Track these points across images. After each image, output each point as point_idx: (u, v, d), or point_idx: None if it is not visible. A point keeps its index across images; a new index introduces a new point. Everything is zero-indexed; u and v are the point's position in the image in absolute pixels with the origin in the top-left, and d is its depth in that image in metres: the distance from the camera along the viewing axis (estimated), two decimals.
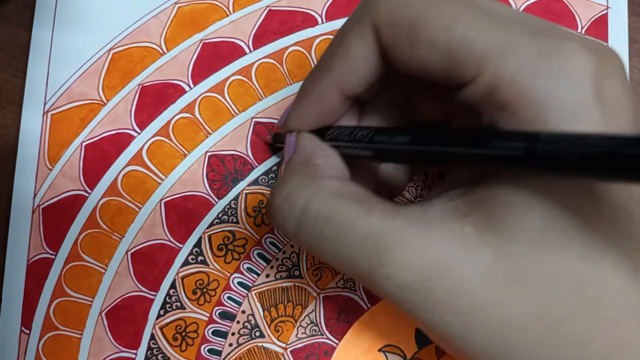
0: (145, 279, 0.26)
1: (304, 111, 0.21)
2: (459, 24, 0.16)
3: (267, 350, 0.25)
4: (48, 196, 0.26)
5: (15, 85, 0.27)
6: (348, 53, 0.18)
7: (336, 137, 0.20)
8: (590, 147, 0.12)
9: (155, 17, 0.28)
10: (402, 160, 0.19)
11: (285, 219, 0.18)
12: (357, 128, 0.20)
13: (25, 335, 0.25)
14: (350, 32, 0.18)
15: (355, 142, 0.19)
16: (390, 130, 0.18)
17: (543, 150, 0.13)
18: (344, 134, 0.20)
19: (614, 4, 0.27)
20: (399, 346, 0.25)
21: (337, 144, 0.20)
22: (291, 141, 0.21)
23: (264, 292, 0.26)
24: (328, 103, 0.20)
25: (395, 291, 0.16)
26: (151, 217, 0.26)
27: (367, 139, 0.19)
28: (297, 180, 0.19)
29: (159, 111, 0.27)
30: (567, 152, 0.12)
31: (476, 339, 0.16)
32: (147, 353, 0.25)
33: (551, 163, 0.13)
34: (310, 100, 0.20)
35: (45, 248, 0.26)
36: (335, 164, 0.20)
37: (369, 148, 0.19)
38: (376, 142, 0.18)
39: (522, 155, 0.14)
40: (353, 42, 0.18)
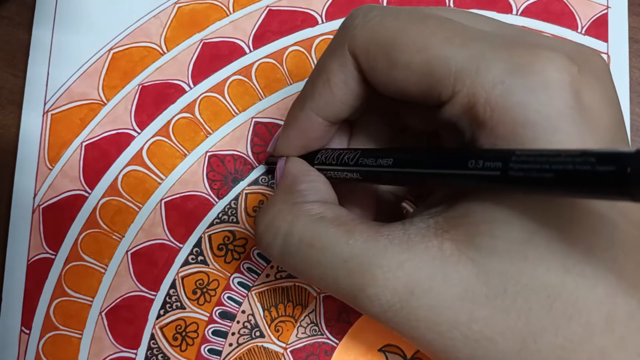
0: (145, 278, 0.26)
1: (290, 138, 0.21)
2: (432, 44, 0.16)
3: (267, 350, 0.25)
4: (48, 196, 0.26)
5: (15, 85, 0.27)
6: (329, 80, 0.19)
7: (324, 160, 0.21)
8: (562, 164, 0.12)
9: (155, 17, 0.28)
10: (388, 182, 0.20)
11: (270, 245, 0.19)
12: (344, 151, 0.20)
13: (25, 335, 0.25)
14: (330, 59, 0.19)
15: (343, 166, 0.20)
16: (375, 153, 0.19)
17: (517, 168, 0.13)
18: (332, 157, 0.20)
19: (614, 4, 0.27)
20: (399, 346, 0.25)
21: (326, 168, 0.20)
22: (280, 166, 0.22)
23: (264, 292, 0.26)
24: (313, 130, 0.20)
25: (378, 312, 0.17)
26: (151, 217, 0.26)
27: (353, 162, 0.19)
28: (280, 208, 0.19)
29: (159, 111, 0.27)
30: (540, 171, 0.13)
31: (460, 354, 0.16)
32: (147, 353, 0.25)
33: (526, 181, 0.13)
34: (296, 128, 0.21)
35: (45, 248, 0.26)
36: (319, 188, 0.20)
37: (356, 171, 0.19)
38: (362, 165, 0.19)
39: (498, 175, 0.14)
40: (333, 69, 0.18)
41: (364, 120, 0.22)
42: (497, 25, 0.18)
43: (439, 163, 0.16)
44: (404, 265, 0.16)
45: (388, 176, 0.18)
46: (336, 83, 0.19)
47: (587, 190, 0.12)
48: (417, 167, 0.17)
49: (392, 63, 0.17)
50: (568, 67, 0.15)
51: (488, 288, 0.15)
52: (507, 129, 0.15)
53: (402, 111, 0.21)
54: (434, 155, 0.16)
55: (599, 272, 0.15)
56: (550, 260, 0.15)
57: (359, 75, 0.18)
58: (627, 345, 0.15)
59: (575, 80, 0.15)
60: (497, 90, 0.15)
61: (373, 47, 0.17)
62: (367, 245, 0.17)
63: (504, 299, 0.15)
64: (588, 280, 0.15)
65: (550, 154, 0.13)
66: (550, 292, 0.15)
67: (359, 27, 0.18)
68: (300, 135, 0.21)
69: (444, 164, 0.16)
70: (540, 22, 0.27)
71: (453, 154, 0.16)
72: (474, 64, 0.15)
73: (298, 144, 0.21)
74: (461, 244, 0.16)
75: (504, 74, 0.15)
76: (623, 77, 0.26)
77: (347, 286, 0.17)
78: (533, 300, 0.15)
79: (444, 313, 0.16)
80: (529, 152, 0.13)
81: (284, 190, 0.20)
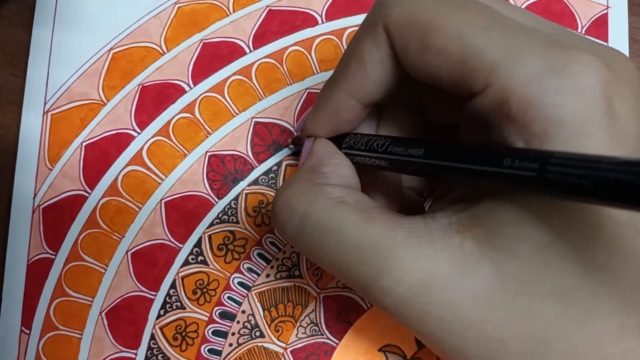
0: (145, 278, 0.26)
1: (321, 119, 0.21)
2: (469, 33, 0.15)
3: (267, 350, 0.25)
4: (48, 196, 0.26)
5: (15, 85, 0.27)
6: (362, 59, 0.18)
7: (352, 145, 0.20)
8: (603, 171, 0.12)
9: (155, 17, 0.28)
10: (415, 173, 0.19)
11: (285, 223, 0.18)
12: (374, 137, 0.19)
13: (25, 335, 0.25)
14: (364, 37, 0.18)
15: (371, 152, 0.19)
16: (405, 142, 0.18)
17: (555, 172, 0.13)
18: (360, 142, 0.20)
19: (614, 4, 0.27)
20: (399, 346, 0.25)
21: (353, 153, 0.20)
22: (307, 146, 0.21)
23: (264, 292, 0.26)
24: (344, 111, 0.20)
25: (390, 305, 0.16)
26: (151, 217, 0.26)
27: (383, 149, 0.19)
28: (300, 187, 0.19)
29: (159, 111, 0.27)
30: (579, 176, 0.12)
31: (470, 355, 0.16)
32: (147, 353, 0.25)
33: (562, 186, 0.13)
34: (327, 109, 0.20)
35: (45, 248, 0.26)
36: (343, 172, 0.19)
37: (384, 158, 0.19)
38: (391, 153, 0.18)
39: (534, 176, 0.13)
40: (367, 48, 0.18)
41: (393, 109, 0.21)
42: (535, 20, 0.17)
43: (472, 158, 0.15)
44: (422, 260, 0.16)
45: (417, 167, 0.17)
46: (371, 62, 0.18)
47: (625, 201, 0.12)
48: (449, 161, 0.16)
49: (426, 47, 0.16)
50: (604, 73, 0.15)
51: (505, 290, 0.15)
52: (540, 127, 0.15)
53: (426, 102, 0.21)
54: (468, 149, 0.16)
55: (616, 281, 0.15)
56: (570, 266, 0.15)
57: (393, 55, 0.18)
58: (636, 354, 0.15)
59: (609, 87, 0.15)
60: (532, 88, 0.15)
61: (407, 27, 0.17)
62: (386, 234, 0.16)
63: (519, 302, 0.15)
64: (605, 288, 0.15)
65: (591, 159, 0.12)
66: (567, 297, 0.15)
67: (394, 5, 0.17)
68: (330, 117, 0.20)
69: (478, 159, 0.15)
70: None
71: (488, 150, 0.15)
72: (511, 58, 0.15)
73: (327, 126, 0.20)
74: (482, 243, 0.15)
75: (540, 73, 0.15)
76: None
77: (360, 274, 0.17)
78: (549, 304, 0.15)
79: (458, 312, 0.15)
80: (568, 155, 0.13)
81: (307, 170, 0.20)
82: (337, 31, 0.27)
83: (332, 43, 0.27)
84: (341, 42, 0.27)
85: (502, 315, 0.15)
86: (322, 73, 0.27)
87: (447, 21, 0.16)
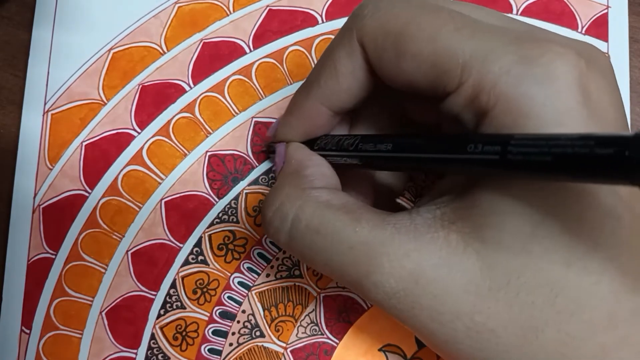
0: (145, 278, 0.26)
1: (293, 125, 0.21)
2: (441, 34, 0.16)
3: (267, 349, 0.25)
4: (48, 196, 0.26)
5: (15, 85, 0.27)
6: (336, 69, 0.19)
7: (324, 146, 0.20)
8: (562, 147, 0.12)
9: (155, 17, 0.28)
10: (387, 168, 0.20)
11: (278, 231, 0.19)
12: (344, 136, 0.20)
13: (26, 335, 0.25)
14: (338, 48, 0.18)
15: (342, 151, 0.19)
16: (374, 138, 0.18)
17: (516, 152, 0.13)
18: (332, 143, 0.20)
19: (614, 4, 0.27)
20: (399, 346, 0.25)
21: (325, 153, 0.20)
22: (281, 151, 0.21)
23: (264, 291, 0.26)
24: (317, 118, 0.20)
25: (382, 299, 0.17)
26: (151, 216, 0.26)
27: (353, 147, 0.19)
28: (287, 192, 0.19)
29: (159, 111, 0.27)
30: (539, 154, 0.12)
31: (462, 346, 0.16)
32: (148, 353, 0.25)
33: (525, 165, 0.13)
34: (299, 116, 0.20)
35: (45, 248, 0.26)
36: (325, 173, 0.20)
37: (355, 156, 0.19)
38: (361, 150, 0.19)
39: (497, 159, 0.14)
40: (340, 58, 0.18)
41: (365, 111, 0.22)
42: (507, 20, 0.18)
43: (438, 147, 0.16)
44: (410, 254, 0.16)
45: (387, 161, 0.18)
46: (343, 73, 0.18)
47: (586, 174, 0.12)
48: (416, 152, 0.17)
49: (401, 53, 0.17)
50: (576, 63, 0.15)
51: (492, 281, 0.15)
52: (510, 119, 0.15)
53: (404, 103, 0.21)
54: (433, 140, 0.16)
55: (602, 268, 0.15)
56: (554, 255, 0.15)
57: (366, 66, 0.18)
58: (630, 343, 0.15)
59: (583, 76, 0.15)
60: (503, 79, 0.15)
61: (382, 36, 0.17)
62: (374, 233, 0.17)
63: (507, 292, 0.15)
64: (591, 276, 0.15)
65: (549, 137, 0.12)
66: (553, 286, 0.15)
67: (369, 16, 0.17)
68: (302, 123, 0.20)
69: (443, 148, 0.16)
70: (540, 21, 0.27)
71: (452, 139, 0.16)
72: (482, 54, 0.15)
73: (299, 131, 0.21)
74: (467, 235, 0.16)
75: (511, 64, 0.15)
76: (623, 77, 0.27)
77: (352, 273, 0.17)
78: (536, 294, 0.15)
79: (447, 303, 0.16)
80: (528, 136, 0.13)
81: (290, 175, 0.20)
82: (337, 31, 0.27)
83: None
84: None
85: (491, 306, 0.15)
86: None
87: (421, 26, 0.16)
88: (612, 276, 0.15)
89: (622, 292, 0.15)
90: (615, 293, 0.15)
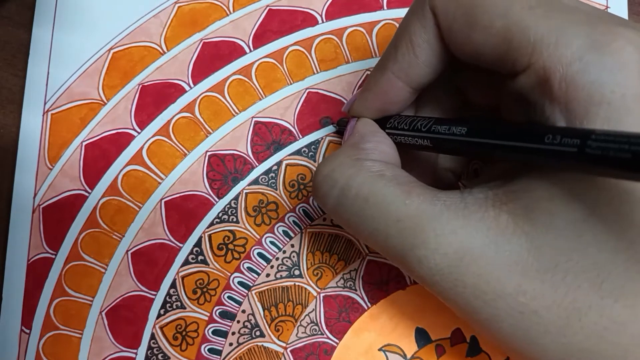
0: (145, 278, 0.26)
1: (369, 100, 0.21)
2: (514, 10, 0.16)
3: (267, 349, 0.25)
4: (48, 196, 0.26)
5: (15, 85, 0.27)
6: (411, 41, 0.19)
7: (396, 125, 0.21)
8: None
9: (155, 17, 0.28)
10: (458, 152, 0.20)
11: (326, 196, 0.19)
12: (418, 118, 0.20)
13: (26, 334, 0.25)
14: (412, 19, 0.19)
15: (415, 132, 0.20)
16: (448, 121, 0.19)
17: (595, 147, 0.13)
18: (404, 122, 0.20)
19: (613, 4, 0.27)
20: (399, 345, 0.25)
21: (397, 133, 0.20)
22: (351, 125, 0.22)
23: (264, 291, 0.26)
24: (392, 94, 0.20)
25: (425, 274, 0.17)
26: (151, 216, 0.26)
27: (426, 128, 0.19)
28: (341, 160, 0.19)
29: (159, 111, 0.27)
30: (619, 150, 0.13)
31: (503, 325, 0.16)
32: (148, 352, 0.25)
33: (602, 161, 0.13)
34: (375, 91, 0.21)
35: (45, 248, 0.26)
36: (384, 149, 0.20)
37: (427, 137, 0.19)
38: (434, 132, 0.19)
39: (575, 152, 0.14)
40: (415, 30, 0.18)
41: (427, 96, 0.22)
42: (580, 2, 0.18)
43: (515, 135, 0.16)
44: (458, 232, 0.16)
45: (459, 145, 0.18)
46: (419, 43, 0.19)
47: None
48: (491, 138, 0.17)
49: (472, 24, 0.17)
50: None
51: (539, 262, 0.15)
52: (581, 106, 0.15)
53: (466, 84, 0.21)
54: (510, 127, 0.16)
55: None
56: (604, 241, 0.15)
57: (440, 36, 0.18)
58: None
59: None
60: (574, 66, 0.15)
61: (453, 5, 0.17)
62: (423, 207, 0.17)
63: (554, 274, 0.15)
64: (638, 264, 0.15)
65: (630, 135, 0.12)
66: (600, 271, 0.15)
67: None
68: (378, 99, 0.21)
69: (521, 136, 0.16)
70: None
71: (530, 127, 0.16)
72: (554, 36, 0.15)
73: (375, 107, 0.21)
74: (518, 217, 0.16)
75: (582, 50, 0.15)
76: None
77: (397, 245, 0.17)
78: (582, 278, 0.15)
79: (491, 282, 0.16)
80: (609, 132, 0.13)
81: (349, 146, 0.20)
82: (337, 31, 0.27)
83: (332, 43, 0.27)
84: (341, 42, 0.27)
85: (536, 287, 0.15)
86: (322, 73, 0.27)
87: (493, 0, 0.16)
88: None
89: None
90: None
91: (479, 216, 0.16)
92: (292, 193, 0.26)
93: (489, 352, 0.25)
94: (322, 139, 0.27)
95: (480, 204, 0.17)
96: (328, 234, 0.26)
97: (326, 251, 0.26)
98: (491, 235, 0.16)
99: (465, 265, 0.16)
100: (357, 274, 0.26)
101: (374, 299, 0.25)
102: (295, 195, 0.26)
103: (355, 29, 0.27)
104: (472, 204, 0.17)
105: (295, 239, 0.26)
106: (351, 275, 0.26)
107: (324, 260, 0.26)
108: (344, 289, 0.26)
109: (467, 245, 0.16)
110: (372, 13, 0.27)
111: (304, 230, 0.26)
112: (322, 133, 0.27)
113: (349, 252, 0.26)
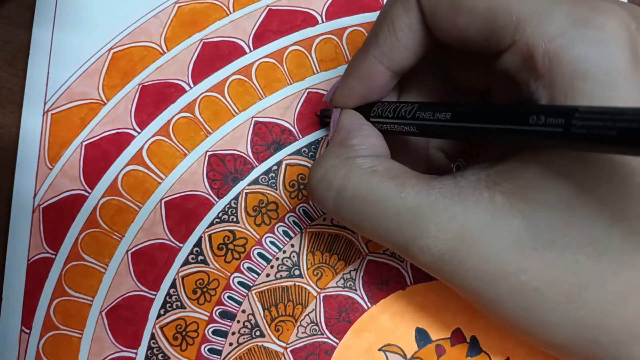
0: (145, 278, 0.26)
1: (350, 87, 0.21)
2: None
3: (267, 349, 0.25)
4: (48, 196, 0.26)
5: (15, 85, 0.27)
6: (393, 24, 0.19)
7: (380, 113, 0.20)
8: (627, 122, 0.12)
9: (155, 17, 0.28)
10: (443, 136, 0.20)
11: (323, 199, 0.19)
12: (401, 104, 0.20)
13: (26, 334, 0.25)
14: (394, 3, 0.19)
15: (399, 119, 0.20)
16: (432, 107, 0.19)
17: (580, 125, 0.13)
18: (388, 110, 0.20)
19: None
20: (399, 345, 0.25)
21: (382, 121, 0.20)
22: (335, 118, 0.22)
23: (264, 291, 0.26)
24: (375, 79, 0.20)
25: (428, 262, 0.17)
26: (151, 216, 0.26)
27: (410, 115, 0.19)
28: (333, 162, 0.19)
29: (159, 111, 0.27)
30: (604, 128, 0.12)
31: (507, 305, 0.16)
32: (148, 352, 0.25)
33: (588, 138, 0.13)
34: (357, 77, 0.20)
35: (45, 248, 0.26)
36: (372, 142, 0.20)
37: (412, 124, 0.19)
38: (418, 119, 0.19)
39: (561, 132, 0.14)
40: (397, 13, 0.18)
41: (414, 78, 0.22)
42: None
43: (499, 118, 0.16)
44: (456, 217, 0.16)
45: (444, 130, 0.18)
46: (401, 28, 0.19)
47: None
48: (475, 122, 0.17)
49: (456, 8, 0.17)
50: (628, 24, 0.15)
51: (536, 240, 0.16)
52: (565, 81, 0.15)
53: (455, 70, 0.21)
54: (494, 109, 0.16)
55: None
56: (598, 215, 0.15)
57: (423, 19, 0.18)
58: None
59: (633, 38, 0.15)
60: (557, 41, 0.15)
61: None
62: (419, 198, 0.17)
63: (552, 251, 0.15)
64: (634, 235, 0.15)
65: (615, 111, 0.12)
66: (597, 245, 0.15)
67: None
68: (360, 85, 0.21)
69: (504, 119, 0.16)
70: None
71: (514, 109, 0.16)
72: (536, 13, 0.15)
73: (357, 94, 0.21)
74: (512, 196, 0.16)
75: (565, 26, 0.15)
76: None
77: (399, 238, 0.18)
78: (580, 253, 0.15)
79: (492, 263, 0.16)
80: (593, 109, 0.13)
81: (337, 144, 0.20)
82: (337, 30, 0.27)
83: (332, 43, 0.27)
84: (341, 42, 0.27)
85: (535, 265, 0.16)
86: (322, 72, 0.27)
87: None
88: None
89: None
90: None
91: (474, 199, 0.16)
92: (292, 193, 0.26)
93: (489, 352, 0.25)
94: (322, 139, 0.27)
95: (475, 187, 0.17)
96: (328, 234, 0.26)
97: (326, 251, 0.26)
98: (488, 217, 0.16)
99: (466, 249, 0.16)
100: (357, 274, 0.26)
101: (374, 299, 0.25)
102: (295, 195, 0.26)
103: (355, 29, 0.27)
104: (466, 187, 0.17)
105: (295, 239, 0.26)
106: (351, 275, 0.26)
107: (324, 260, 0.26)
108: (344, 289, 0.26)
109: (466, 229, 0.16)
110: (372, 13, 0.28)
111: (304, 230, 0.26)
112: (322, 133, 0.27)
113: (349, 252, 0.26)
